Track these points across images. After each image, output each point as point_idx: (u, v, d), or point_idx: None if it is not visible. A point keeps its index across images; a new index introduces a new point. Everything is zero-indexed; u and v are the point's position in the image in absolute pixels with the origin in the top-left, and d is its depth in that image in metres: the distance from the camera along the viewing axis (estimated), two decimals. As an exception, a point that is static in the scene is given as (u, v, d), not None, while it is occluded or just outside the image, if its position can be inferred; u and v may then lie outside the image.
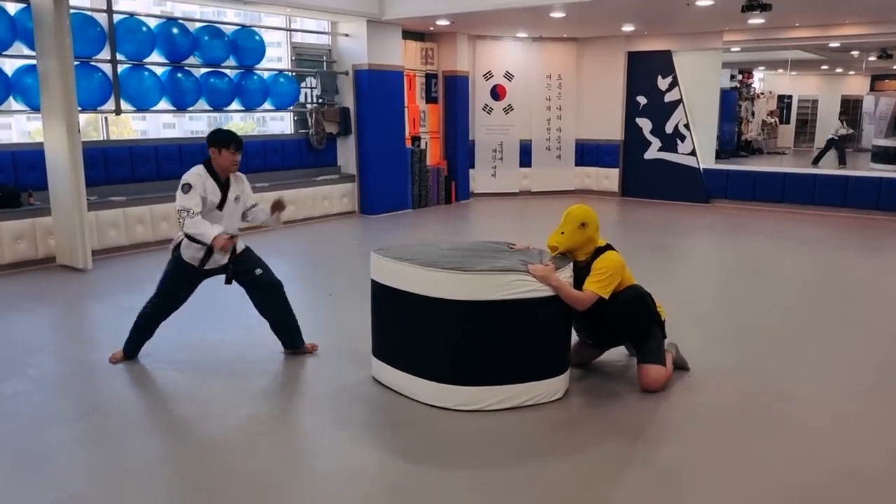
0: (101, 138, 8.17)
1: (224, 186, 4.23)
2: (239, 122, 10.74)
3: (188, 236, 4.16)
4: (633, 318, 3.97)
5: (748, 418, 3.71)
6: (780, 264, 7.73)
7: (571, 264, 3.91)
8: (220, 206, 4.21)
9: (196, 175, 4.12)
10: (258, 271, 4.41)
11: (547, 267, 3.72)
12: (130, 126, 10.81)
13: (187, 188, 4.04)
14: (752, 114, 17.64)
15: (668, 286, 6.49)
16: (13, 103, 7.20)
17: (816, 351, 4.81)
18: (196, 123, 10.82)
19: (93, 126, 8.47)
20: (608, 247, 3.99)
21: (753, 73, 17.32)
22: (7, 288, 6.40)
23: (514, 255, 3.94)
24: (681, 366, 4.27)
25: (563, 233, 3.89)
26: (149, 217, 8.05)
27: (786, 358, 4.64)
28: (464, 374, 3.74)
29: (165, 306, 4.41)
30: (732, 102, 18.72)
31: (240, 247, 4.40)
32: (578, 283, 3.86)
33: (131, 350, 4.48)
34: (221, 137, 4.17)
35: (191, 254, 4.23)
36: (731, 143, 18.28)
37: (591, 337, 4.13)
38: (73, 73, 6.73)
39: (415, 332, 3.87)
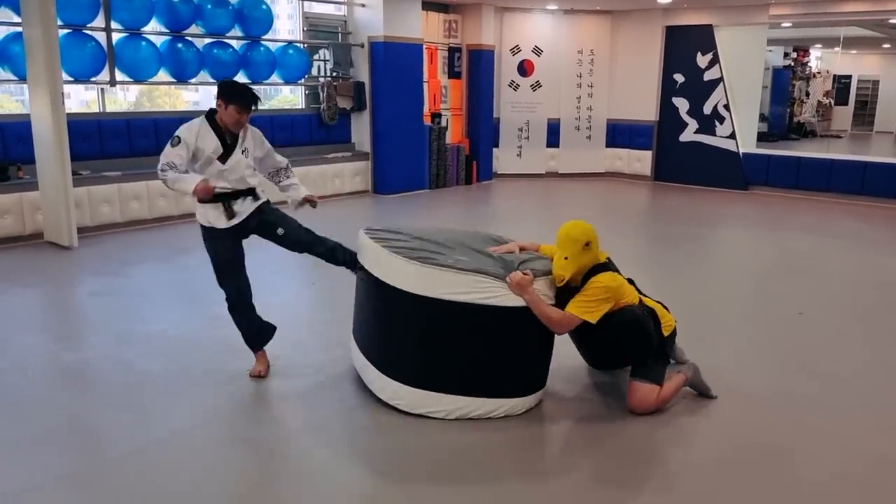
0: (97, 110, 7.87)
1: (226, 138, 3.74)
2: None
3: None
4: (626, 345, 3.44)
5: (749, 462, 3.16)
6: (822, 264, 6.86)
7: (552, 277, 3.37)
8: (224, 158, 3.73)
9: (188, 128, 3.68)
10: (280, 231, 3.88)
11: (525, 277, 3.22)
12: (183, 97, 10.64)
13: (176, 141, 3.62)
14: (807, 94, 16.69)
15: (693, 285, 5.93)
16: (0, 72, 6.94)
17: (851, 373, 4.12)
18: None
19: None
20: (606, 265, 3.43)
21: (810, 51, 16.32)
22: (-15, 265, 6.18)
23: (498, 257, 3.44)
24: (702, 392, 3.67)
25: (566, 258, 3.31)
26: (145, 193, 7.75)
27: (812, 380, 4.01)
28: (416, 374, 3.36)
29: (234, 286, 3.85)
30: (785, 82, 17.70)
31: (260, 200, 3.87)
32: (563, 301, 3.35)
33: (256, 343, 3.98)
34: (229, 92, 3.68)
35: (206, 216, 3.76)
36: (781, 126, 17.35)
37: (586, 357, 3.61)
38: (58, 42, 6.41)
39: (376, 321, 3.53)
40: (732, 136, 11.19)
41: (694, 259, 6.89)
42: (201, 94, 10.49)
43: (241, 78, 8.73)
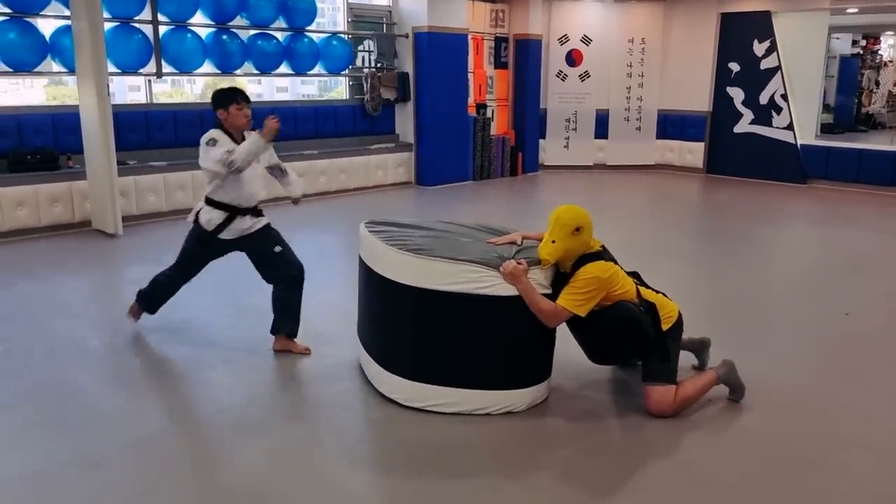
0: (145, 101, 8.05)
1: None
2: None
3: (210, 201, 3.91)
4: (619, 342, 3.30)
5: (776, 476, 3.00)
6: (882, 264, 6.44)
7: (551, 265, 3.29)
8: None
9: (216, 132, 3.87)
10: (277, 249, 4.01)
11: (519, 266, 3.13)
12: (246, 89, 10.94)
13: (213, 142, 3.81)
14: (877, 84, 15.97)
15: (741, 284, 5.67)
16: (53, 65, 7.16)
17: None
18: (308, 87, 10.86)
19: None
20: (600, 253, 3.29)
21: (881, 38, 15.60)
22: (30, 251, 6.39)
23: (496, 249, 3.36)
24: (734, 388, 3.47)
25: (554, 241, 3.20)
26: (190, 183, 7.89)
27: (855, 387, 3.81)
28: (413, 367, 3.33)
29: (178, 274, 4.23)
30: (853, 71, 16.94)
31: (261, 222, 4.01)
32: (560, 291, 3.24)
33: (148, 306, 4.36)
34: (225, 96, 3.88)
35: (209, 217, 3.92)
36: (848, 116, 16.61)
37: (585, 352, 3.48)
38: (104, 34, 6.57)
39: (375, 315, 3.51)
40: (790, 127, 10.74)
41: (744, 257, 6.60)
42: (265, 87, 10.72)
43: (284, 69, 8.82)
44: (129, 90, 11.15)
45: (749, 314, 4.97)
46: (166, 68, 7.80)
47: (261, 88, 10.82)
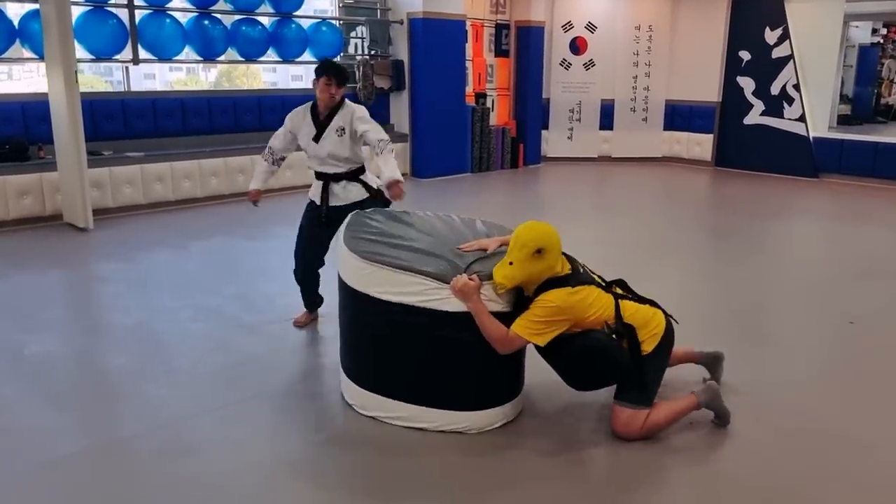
0: (123, 89, 7.74)
1: (322, 119, 3.91)
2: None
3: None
4: (589, 373, 2.93)
5: None
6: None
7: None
8: (316, 139, 3.92)
9: (294, 112, 4.05)
10: None
11: (471, 282, 2.77)
12: (260, 77, 10.65)
13: (282, 124, 4.09)
14: (899, 73, 15.49)
15: (744, 288, 5.25)
16: (24, 52, 6.85)
17: None
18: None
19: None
20: (566, 278, 2.86)
21: (904, 26, 15.06)
22: (-3, 246, 6.11)
23: (465, 256, 3.01)
24: (718, 414, 3.08)
25: (511, 263, 2.80)
26: (169, 175, 7.57)
27: (861, 414, 3.42)
28: (371, 377, 3.11)
29: (298, 256, 4.16)
30: (873, 61, 16.38)
31: (359, 194, 3.97)
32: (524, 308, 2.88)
33: (309, 305, 4.31)
34: (318, 66, 3.93)
35: (314, 191, 4.08)
36: (866, 108, 16.05)
37: (562, 378, 3.10)
38: (70, 18, 6.25)
39: (342, 320, 3.28)
40: (802, 118, 10.25)
41: (749, 257, 6.15)
42: (279, 75, 10.42)
43: (270, 56, 8.47)
44: (145, 78, 10.88)
45: (751, 322, 4.58)
46: (144, 55, 7.46)
47: (276, 77, 10.58)
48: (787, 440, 3.04)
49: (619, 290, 3.07)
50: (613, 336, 2.88)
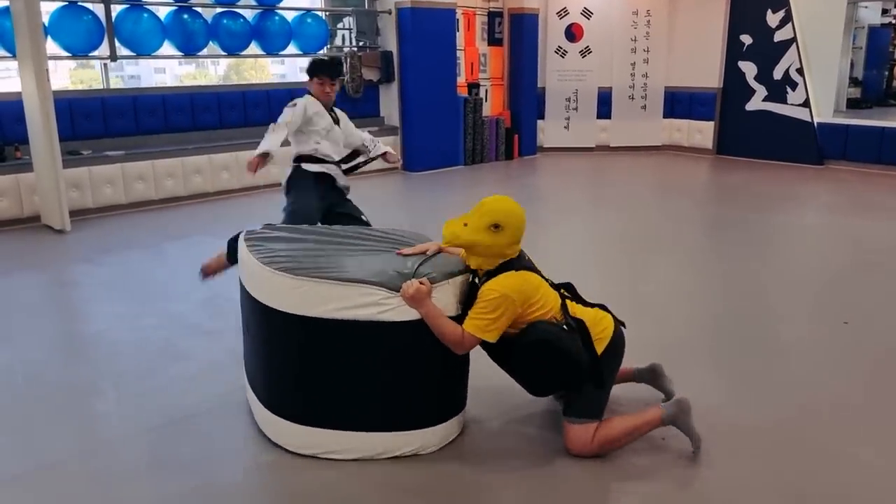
0: (101, 87, 7.57)
1: (329, 112, 4.27)
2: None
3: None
4: (543, 370, 2.72)
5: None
6: None
7: (461, 279, 2.75)
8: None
9: (308, 100, 4.19)
10: (364, 218, 4.35)
11: (422, 287, 2.58)
12: (268, 70, 10.51)
13: (293, 104, 4.15)
14: (910, 55, 15.18)
15: (737, 286, 5.00)
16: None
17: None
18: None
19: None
20: (514, 262, 2.70)
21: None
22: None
23: (407, 260, 2.81)
24: (686, 434, 2.79)
25: (466, 224, 2.68)
26: (151, 174, 7.41)
27: (853, 433, 3.19)
28: (301, 409, 2.77)
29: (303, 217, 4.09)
30: (884, 42, 16.00)
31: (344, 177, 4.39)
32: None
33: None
34: (310, 67, 4.26)
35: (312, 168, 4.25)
36: (877, 90, 15.68)
37: (518, 383, 2.90)
38: (41, 14, 6.09)
39: (257, 347, 2.92)
40: (806, 103, 9.94)
41: (747, 250, 5.85)
42: (287, 67, 10.27)
43: (253, 49, 8.28)
44: (155, 72, 10.71)
45: (744, 326, 4.33)
46: (122, 51, 7.28)
47: (284, 69, 10.45)
48: (764, 471, 2.83)
49: (564, 293, 2.87)
50: (564, 328, 2.68)
